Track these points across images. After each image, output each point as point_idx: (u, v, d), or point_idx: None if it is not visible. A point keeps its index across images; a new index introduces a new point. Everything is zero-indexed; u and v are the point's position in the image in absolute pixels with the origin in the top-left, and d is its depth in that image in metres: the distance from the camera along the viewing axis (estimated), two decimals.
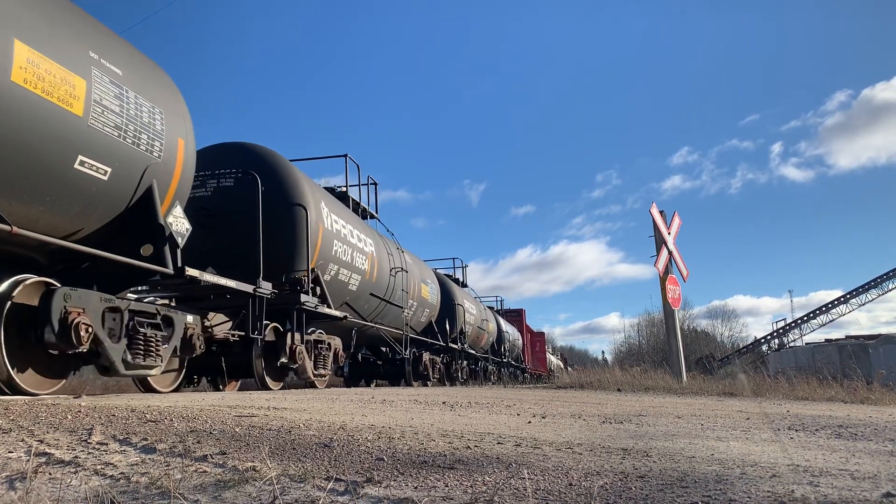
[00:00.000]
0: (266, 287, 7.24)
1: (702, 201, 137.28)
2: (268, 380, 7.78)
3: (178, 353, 6.06)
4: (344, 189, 11.15)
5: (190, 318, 6.16)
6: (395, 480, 2.03)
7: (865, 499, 1.90)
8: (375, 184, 12.88)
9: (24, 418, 2.96)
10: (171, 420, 3.07)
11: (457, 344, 17.32)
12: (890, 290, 40.35)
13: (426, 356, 15.04)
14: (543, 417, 4.45)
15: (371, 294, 10.92)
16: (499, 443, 2.89)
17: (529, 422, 4.09)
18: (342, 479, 2.02)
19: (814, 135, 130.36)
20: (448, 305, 16.92)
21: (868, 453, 2.97)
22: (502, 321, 26.16)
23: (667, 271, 13.14)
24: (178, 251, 5.50)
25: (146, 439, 2.54)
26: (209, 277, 6.11)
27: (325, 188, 10.32)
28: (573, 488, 1.98)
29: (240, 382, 8.98)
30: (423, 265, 15.70)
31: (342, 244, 9.43)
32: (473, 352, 19.74)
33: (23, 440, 2.50)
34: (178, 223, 5.56)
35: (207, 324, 6.71)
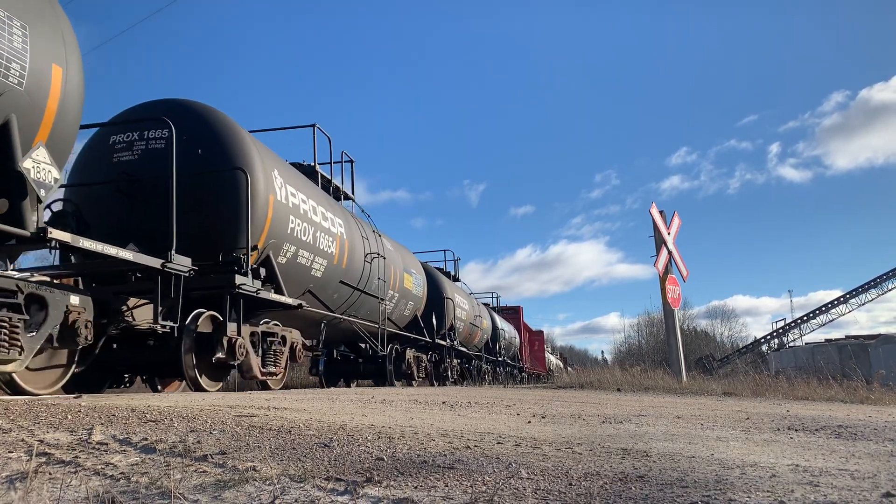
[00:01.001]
0: (182, 262, 5.87)
1: (700, 201, 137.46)
2: (202, 379, 6.55)
3: (57, 344, 4.72)
4: (312, 164, 9.97)
5: (75, 299, 4.76)
6: (394, 480, 2.03)
7: (865, 499, 1.90)
8: (352, 161, 11.66)
9: (24, 418, 2.96)
10: (171, 420, 3.07)
11: (446, 341, 16.07)
12: (889, 290, 40.35)
13: (410, 353, 13.82)
14: (543, 417, 4.46)
15: (341, 282, 9.72)
16: (499, 442, 2.89)
17: (529, 422, 4.10)
18: (342, 479, 2.02)
19: (811, 135, 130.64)
20: (436, 299, 15.59)
21: (868, 453, 2.98)
22: (498, 318, 25.49)
23: (666, 271, 13.15)
24: (41, 207, 4.35)
25: (146, 439, 2.54)
26: (88, 244, 4.77)
27: (292, 163, 9.21)
28: (573, 488, 1.98)
29: (183, 383, 7.78)
30: (408, 253, 14.46)
31: (302, 222, 8.19)
32: (465, 349, 18.90)
33: (23, 440, 2.50)
34: (41, 171, 4.31)
35: (126, 309, 5.57)
